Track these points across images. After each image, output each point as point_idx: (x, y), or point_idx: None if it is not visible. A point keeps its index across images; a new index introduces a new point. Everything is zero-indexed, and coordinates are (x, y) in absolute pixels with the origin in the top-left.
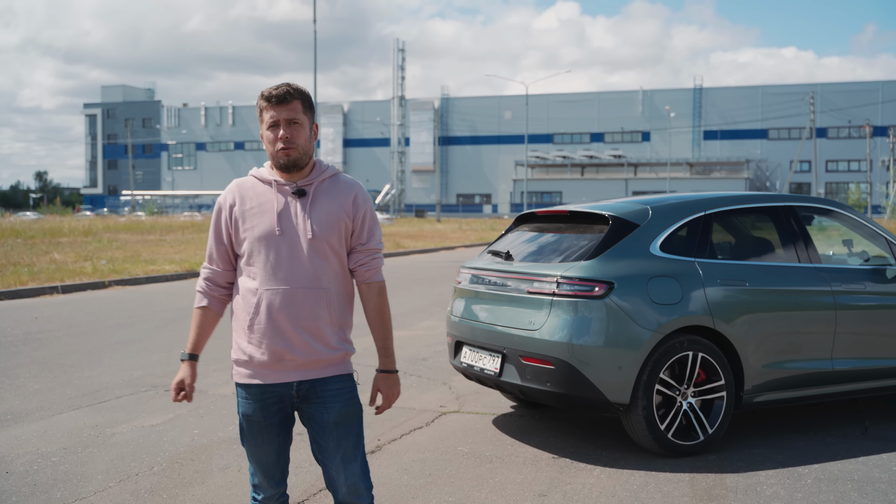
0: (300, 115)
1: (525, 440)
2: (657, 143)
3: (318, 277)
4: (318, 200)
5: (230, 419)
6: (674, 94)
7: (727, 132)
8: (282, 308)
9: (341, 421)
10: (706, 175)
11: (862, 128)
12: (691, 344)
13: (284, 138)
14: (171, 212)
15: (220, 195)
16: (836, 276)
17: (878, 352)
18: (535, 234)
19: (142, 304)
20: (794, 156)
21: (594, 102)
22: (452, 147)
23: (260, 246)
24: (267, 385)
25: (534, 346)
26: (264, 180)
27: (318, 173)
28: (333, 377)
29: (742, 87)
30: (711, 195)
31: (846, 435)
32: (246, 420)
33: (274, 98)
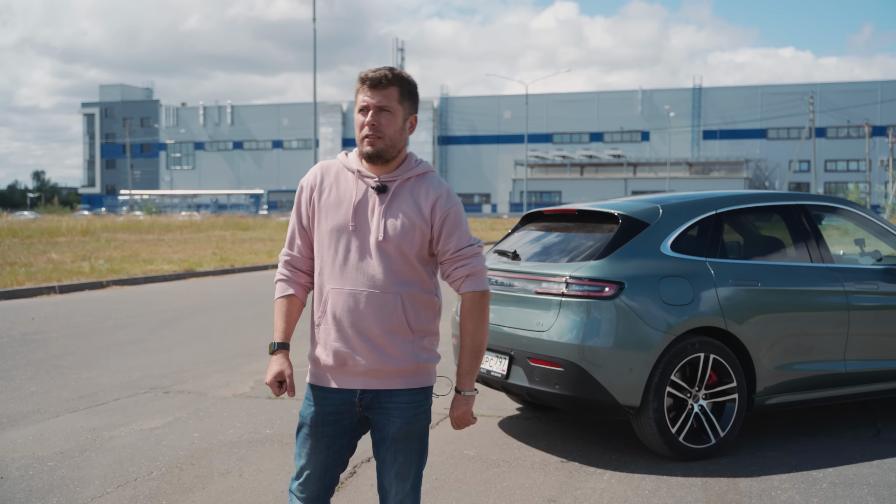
0: (394, 104)
1: (532, 444)
2: (656, 142)
3: (387, 281)
4: (398, 199)
5: (230, 422)
6: (673, 94)
7: (726, 132)
8: (346, 310)
9: (401, 437)
10: (705, 175)
11: (861, 127)
12: (703, 345)
13: (371, 125)
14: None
15: (304, 177)
16: (849, 276)
17: (891, 353)
18: (542, 233)
19: (140, 305)
20: (793, 155)
21: (593, 102)
22: (452, 147)
23: (331, 239)
24: (330, 389)
25: (542, 348)
26: (350, 168)
27: (405, 169)
28: (401, 390)
29: (741, 86)
30: (722, 193)
31: (859, 438)
32: (303, 421)
33: (369, 80)
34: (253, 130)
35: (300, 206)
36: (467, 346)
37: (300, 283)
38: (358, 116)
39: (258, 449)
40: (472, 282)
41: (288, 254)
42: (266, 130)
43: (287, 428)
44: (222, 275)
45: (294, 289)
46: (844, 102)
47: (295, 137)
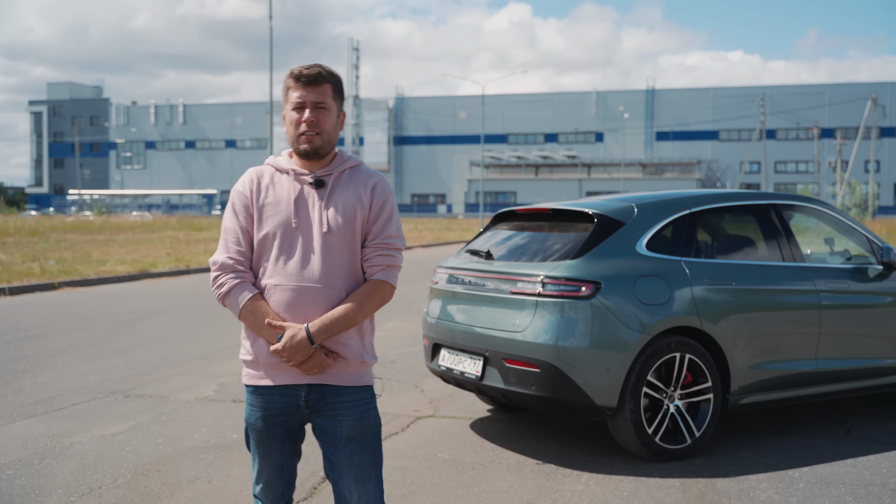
0: (329, 100)
1: (506, 446)
2: (610, 143)
3: (331, 276)
4: (337, 191)
5: (195, 427)
6: (627, 96)
7: (679, 133)
8: (290, 307)
9: (355, 436)
10: (658, 175)
11: (810, 130)
12: (678, 345)
13: (309, 122)
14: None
15: (237, 184)
16: (820, 275)
17: (861, 352)
18: (514, 232)
19: (95, 307)
20: (744, 157)
21: (548, 103)
22: (407, 147)
23: (273, 239)
24: (275, 387)
25: (518, 349)
26: (281, 169)
27: (339, 163)
28: (347, 388)
29: (693, 88)
30: (696, 193)
31: (830, 436)
32: (250, 428)
33: (304, 78)
34: (206, 130)
35: (236, 212)
36: (349, 313)
37: (253, 283)
38: (292, 114)
39: (226, 454)
40: (389, 273)
41: (232, 257)
42: (219, 130)
43: None
44: (178, 276)
45: (252, 290)
46: (793, 105)
47: (248, 137)
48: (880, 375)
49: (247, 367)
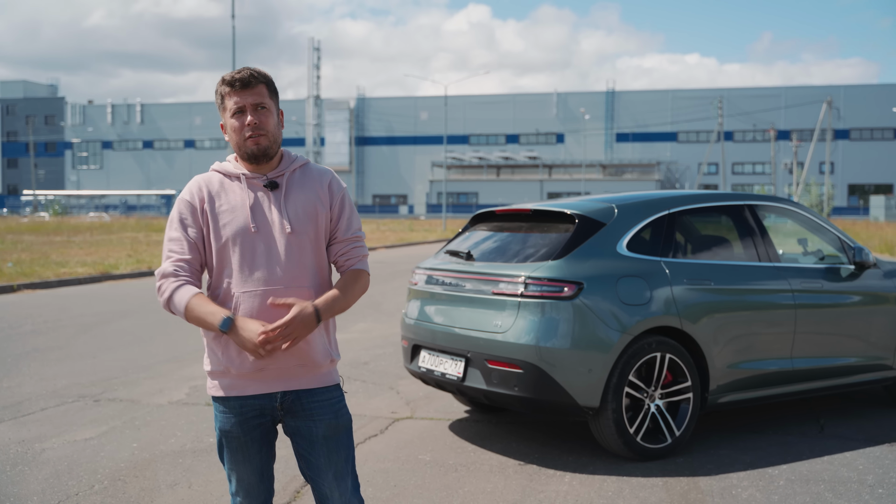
0: (267, 100)
1: (487, 447)
2: (571, 144)
3: (299, 276)
4: (292, 191)
5: (170, 431)
6: (587, 97)
7: (639, 135)
8: (261, 311)
9: (331, 434)
10: (619, 176)
11: (766, 131)
12: (659, 345)
13: (253, 124)
14: (76, 212)
15: (184, 192)
16: (795, 275)
17: (834, 350)
18: (494, 233)
19: (57, 309)
20: (702, 158)
21: (509, 104)
22: (368, 147)
23: (234, 246)
24: (247, 397)
25: (500, 350)
26: (231, 175)
27: (288, 163)
28: (320, 388)
29: (653, 90)
30: (675, 193)
31: (804, 434)
32: (225, 436)
33: (238, 82)
34: (164, 129)
35: (183, 221)
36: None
37: (197, 286)
38: (232, 121)
39: (204, 458)
40: (365, 263)
41: (175, 264)
42: (177, 129)
43: None
44: (140, 277)
45: (195, 289)
46: (750, 107)
47: (208, 137)
48: (853, 373)
49: (214, 378)
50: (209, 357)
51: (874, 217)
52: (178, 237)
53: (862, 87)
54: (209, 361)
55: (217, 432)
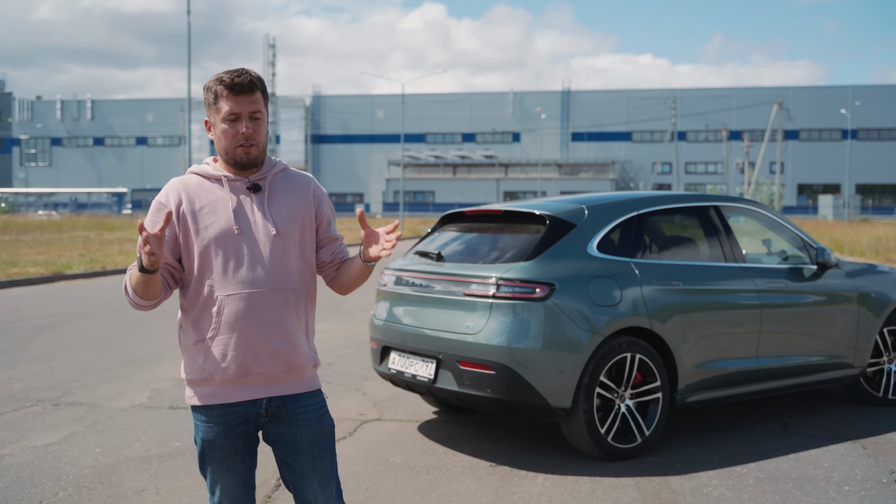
0: (262, 108)
1: (457, 448)
2: (527, 143)
3: (284, 278)
4: (276, 194)
5: (134, 435)
6: (543, 97)
7: (594, 134)
8: (246, 314)
9: (316, 440)
10: (574, 176)
11: (719, 132)
12: (629, 345)
13: (248, 134)
14: (24, 210)
15: (160, 195)
16: (760, 275)
17: (798, 349)
18: (463, 234)
19: (8, 311)
20: (656, 157)
21: (466, 103)
22: (324, 146)
23: (217, 248)
24: (231, 405)
25: (472, 351)
26: (211, 177)
27: (269, 166)
28: (305, 393)
29: (608, 90)
30: (643, 194)
31: (769, 432)
32: (208, 446)
33: (238, 86)
34: (115, 126)
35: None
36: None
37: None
38: (224, 126)
39: (170, 463)
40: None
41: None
42: (129, 126)
43: None
44: (93, 277)
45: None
46: (703, 108)
47: (161, 134)
48: (816, 372)
49: (194, 386)
50: (188, 365)
51: (822, 216)
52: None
53: (811, 88)
54: (188, 369)
55: (198, 443)
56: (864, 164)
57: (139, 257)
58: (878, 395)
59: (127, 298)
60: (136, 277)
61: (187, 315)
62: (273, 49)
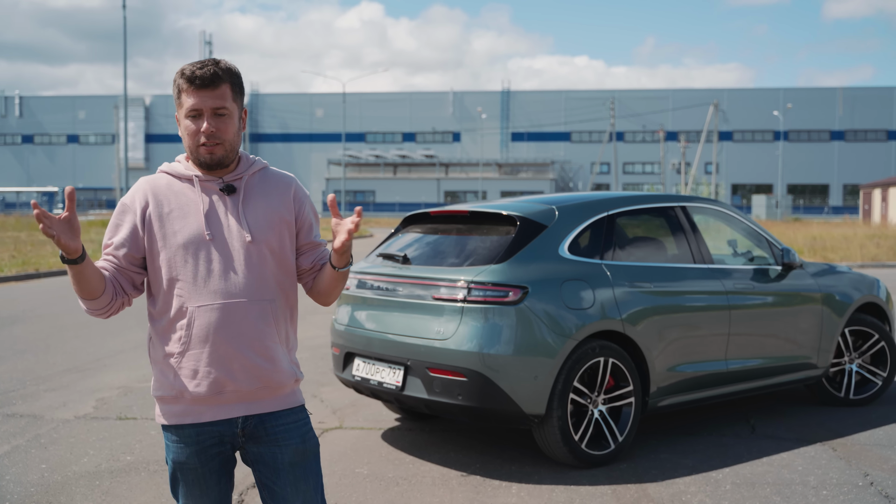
0: (229, 103)
1: (425, 457)
2: (467, 143)
3: (260, 288)
4: (252, 197)
5: (81, 449)
6: (483, 97)
7: (533, 134)
8: (219, 327)
9: (298, 461)
10: (514, 175)
11: (656, 133)
12: (602, 350)
13: (209, 132)
14: None
15: (125, 196)
16: (728, 276)
17: (765, 351)
18: (429, 235)
19: None
20: (595, 158)
21: (406, 102)
22: (263, 144)
23: (186, 255)
24: (204, 424)
25: (443, 357)
26: (182, 177)
27: (246, 165)
28: (285, 410)
29: (547, 91)
30: (612, 195)
31: (738, 435)
32: (180, 468)
33: (198, 80)
34: (45, 123)
35: (119, 227)
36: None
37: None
38: (187, 122)
39: (123, 479)
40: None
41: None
42: (60, 124)
43: (150, 453)
44: (27, 280)
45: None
46: (640, 109)
47: (93, 132)
48: (782, 373)
49: (164, 403)
50: (157, 380)
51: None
52: (108, 242)
53: (744, 90)
54: (157, 385)
55: (169, 464)
56: (794, 164)
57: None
58: (840, 396)
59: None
60: (72, 273)
61: (156, 327)
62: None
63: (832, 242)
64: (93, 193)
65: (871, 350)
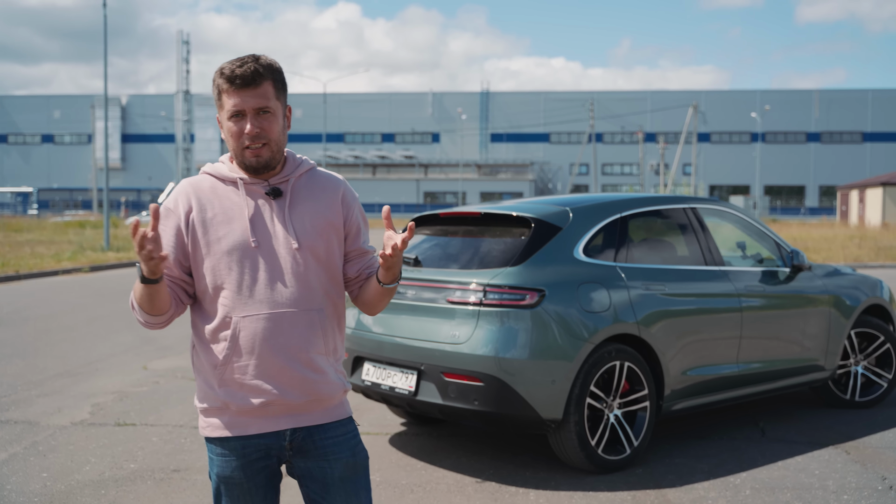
0: (272, 102)
1: (437, 463)
2: (447, 144)
3: (307, 297)
4: (299, 200)
5: (83, 457)
6: (462, 97)
7: (513, 135)
8: (266, 338)
9: (349, 475)
10: (493, 176)
11: (635, 134)
12: (618, 353)
13: (253, 134)
14: None
15: (167, 200)
16: (738, 278)
17: (776, 353)
18: (440, 237)
19: None
20: (574, 159)
21: (385, 103)
22: None
23: (231, 263)
24: (251, 437)
25: (458, 362)
26: (226, 179)
27: (292, 167)
28: (334, 423)
29: (526, 92)
30: (623, 196)
31: (749, 438)
32: (224, 483)
33: (239, 79)
34: (19, 123)
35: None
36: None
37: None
38: (229, 124)
39: (129, 488)
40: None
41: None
42: (34, 123)
43: (154, 460)
44: (6, 282)
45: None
46: (619, 110)
47: (68, 132)
48: (791, 376)
49: (209, 416)
50: (202, 391)
51: None
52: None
53: (721, 92)
54: (202, 396)
55: (213, 479)
56: (771, 166)
57: (138, 266)
58: (846, 398)
59: (134, 314)
60: (140, 289)
61: (200, 335)
62: (187, 46)
63: (813, 244)
64: (68, 194)
65: (876, 352)
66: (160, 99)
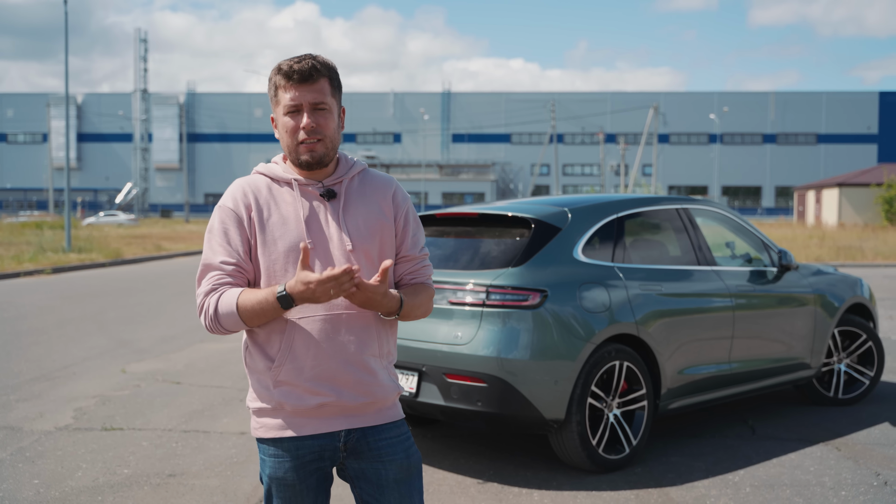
0: (328, 98)
1: (435, 464)
2: (408, 144)
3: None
4: (352, 201)
5: (73, 463)
6: (423, 98)
7: (474, 136)
8: (320, 340)
9: (403, 477)
10: (455, 177)
11: (596, 135)
12: (618, 353)
13: (310, 128)
14: None
15: (224, 200)
16: (730, 278)
17: (765, 352)
18: (437, 238)
19: None
20: (535, 159)
21: (346, 103)
22: (200, 144)
23: (286, 264)
24: (304, 437)
25: (461, 363)
26: (280, 180)
27: (345, 168)
28: (388, 424)
29: (487, 93)
30: (620, 197)
31: (740, 436)
32: (276, 484)
33: (297, 74)
34: None
35: (228, 233)
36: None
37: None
38: (286, 119)
39: (126, 494)
40: (431, 280)
41: (222, 279)
42: None
43: (148, 465)
44: None
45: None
46: (580, 111)
47: (22, 131)
48: (780, 374)
49: (263, 416)
50: (256, 391)
51: None
52: (221, 243)
53: (680, 94)
54: (256, 397)
55: (265, 480)
56: (729, 166)
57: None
58: (830, 395)
59: (212, 322)
60: (268, 312)
61: (253, 336)
62: (145, 44)
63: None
64: (22, 194)
65: (858, 350)
66: (117, 98)
